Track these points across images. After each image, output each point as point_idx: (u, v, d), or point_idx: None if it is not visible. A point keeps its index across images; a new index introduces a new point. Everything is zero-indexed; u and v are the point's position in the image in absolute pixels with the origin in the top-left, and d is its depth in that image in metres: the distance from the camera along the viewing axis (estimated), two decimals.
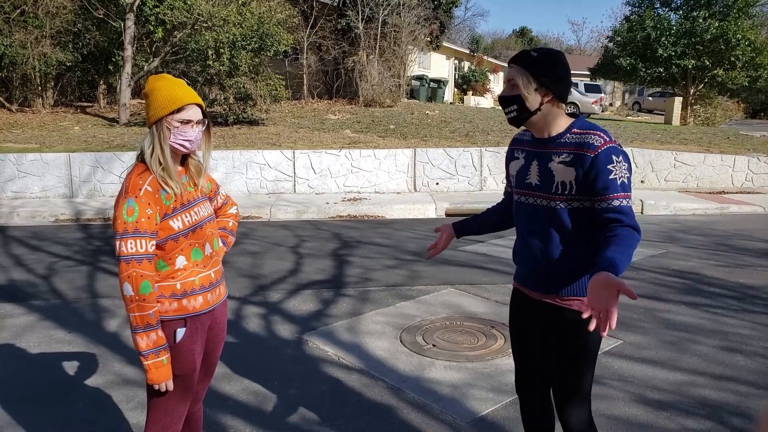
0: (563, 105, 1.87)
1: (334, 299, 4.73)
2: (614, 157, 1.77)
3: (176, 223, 1.85)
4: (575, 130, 1.85)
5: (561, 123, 1.87)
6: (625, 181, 1.78)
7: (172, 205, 1.85)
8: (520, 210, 1.98)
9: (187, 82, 1.94)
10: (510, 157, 2.06)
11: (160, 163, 1.85)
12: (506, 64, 2.03)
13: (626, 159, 1.80)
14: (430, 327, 4.10)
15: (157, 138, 1.85)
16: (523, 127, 1.96)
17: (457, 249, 6.44)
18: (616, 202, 1.76)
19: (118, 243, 1.76)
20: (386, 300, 4.71)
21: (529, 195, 1.93)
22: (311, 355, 3.66)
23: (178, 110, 1.84)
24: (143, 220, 1.77)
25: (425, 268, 5.68)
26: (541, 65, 1.81)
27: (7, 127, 12.83)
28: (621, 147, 1.81)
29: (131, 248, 1.75)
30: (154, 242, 1.80)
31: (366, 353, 3.67)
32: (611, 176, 1.76)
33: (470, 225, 2.28)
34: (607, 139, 1.79)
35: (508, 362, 3.52)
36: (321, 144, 10.85)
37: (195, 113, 1.88)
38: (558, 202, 1.84)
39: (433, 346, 3.77)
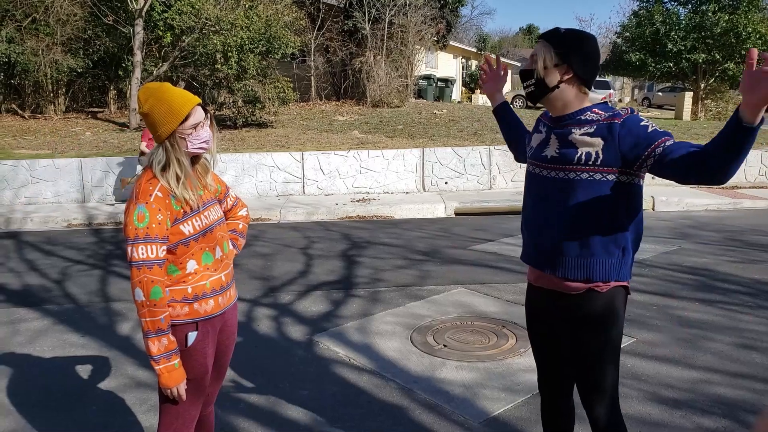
0: (587, 90, 1.82)
1: (344, 300, 4.74)
2: (642, 116, 1.76)
3: (187, 228, 1.85)
4: (596, 110, 1.81)
5: (582, 104, 1.84)
6: (663, 129, 1.73)
7: (182, 210, 1.85)
8: (533, 183, 1.91)
9: (196, 86, 1.94)
10: (534, 130, 2.01)
11: (179, 179, 1.83)
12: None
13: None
14: (441, 327, 4.09)
15: (173, 152, 1.83)
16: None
17: (467, 248, 6.42)
18: (669, 142, 1.68)
19: (129, 249, 1.77)
20: (396, 300, 4.70)
21: (543, 167, 1.87)
22: (322, 357, 3.66)
23: (186, 118, 1.82)
24: (154, 225, 1.77)
25: (435, 267, 5.67)
26: (566, 42, 1.78)
27: (20, 133, 12.98)
28: None
29: (142, 254, 1.76)
30: (164, 247, 1.81)
31: (377, 354, 3.67)
32: (650, 129, 1.70)
33: (508, 113, 2.30)
34: (630, 111, 1.78)
35: (519, 361, 3.50)
36: (329, 145, 10.87)
37: (200, 114, 1.87)
38: (579, 173, 1.77)
39: (444, 346, 3.76)
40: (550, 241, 1.84)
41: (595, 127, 1.76)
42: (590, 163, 1.75)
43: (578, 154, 1.77)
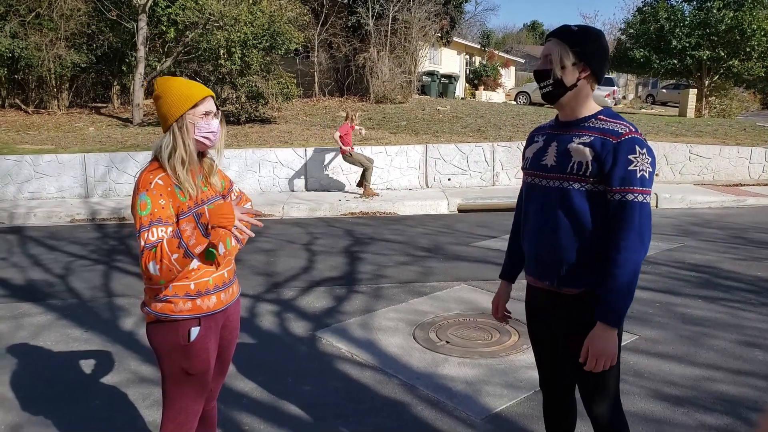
0: (596, 86, 1.83)
1: (347, 296, 4.74)
2: (637, 148, 1.70)
3: (189, 224, 1.85)
4: (602, 116, 1.80)
5: (590, 107, 1.83)
6: (646, 174, 1.69)
7: (186, 203, 1.85)
8: (532, 193, 1.91)
9: (199, 82, 1.95)
10: (529, 143, 2.00)
11: (183, 163, 1.84)
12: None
13: (651, 153, 1.72)
14: (444, 323, 4.09)
15: (180, 136, 1.84)
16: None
17: (470, 245, 6.42)
18: (630, 196, 1.69)
19: (139, 239, 1.76)
20: (399, 296, 4.70)
21: (542, 177, 1.86)
22: (325, 353, 3.67)
23: (197, 104, 1.85)
24: (156, 210, 1.77)
25: (438, 264, 5.67)
26: (581, 40, 1.76)
27: (23, 128, 13.00)
28: (646, 141, 1.75)
29: (152, 237, 1.75)
30: (171, 229, 1.79)
31: (379, 350, 3.67)
32: (631, 167, 1.69)
33: (515, 263, 2.14)
34: (633, 130, 1.73)
35: (522, 358, 3.50)
36: (333, 141, 10.85)
37: (212, 105, 1.90)
38: (572, 183, 1.77)
39: (447, 342, 3.76)
40: (549, 251, 1.84)
41: (592, 137, 1.76)
42: (580, 173, 1.75)
43: (571, 163, 1.77)
